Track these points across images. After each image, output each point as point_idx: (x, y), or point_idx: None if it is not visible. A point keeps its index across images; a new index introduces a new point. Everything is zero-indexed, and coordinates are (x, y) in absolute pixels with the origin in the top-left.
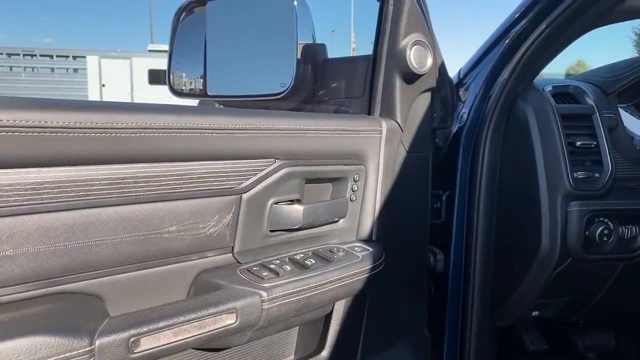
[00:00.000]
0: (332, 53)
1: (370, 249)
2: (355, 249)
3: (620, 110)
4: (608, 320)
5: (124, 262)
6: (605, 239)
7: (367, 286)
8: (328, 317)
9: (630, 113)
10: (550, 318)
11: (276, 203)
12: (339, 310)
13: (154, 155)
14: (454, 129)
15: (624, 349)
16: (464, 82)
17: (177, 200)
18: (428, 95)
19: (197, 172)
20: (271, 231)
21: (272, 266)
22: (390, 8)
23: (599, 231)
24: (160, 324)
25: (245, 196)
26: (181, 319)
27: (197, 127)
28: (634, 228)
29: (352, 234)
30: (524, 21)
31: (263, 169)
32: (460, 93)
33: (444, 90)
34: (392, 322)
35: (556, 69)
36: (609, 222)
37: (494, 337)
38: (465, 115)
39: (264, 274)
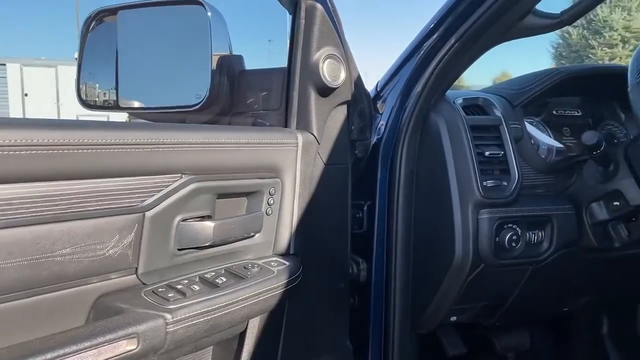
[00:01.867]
0: (270, 62)
1: (287, 263)
2: (272, 263)
3: (527, 122)
4: (523, 321)
5: (10, 289)
6: (513, 244)
7: (284, 301)
8: (242, 336)
9: (534, 125)
10: (469, 322)
11: (184, 220)
12: (254, 327)
13: (43, 173)
14: (373, 140)
15: (539, 348)
16: (381, 94)
17: (72, 220)
18: (344, 108)
19: (94, 190)
20: (179, 250)
21: (179, 287)
22: (302, 22)
23: (508, 237)
24: (49, 355)
25: (148, 214)
26: (74, 347)
27: (92, 143)
28: (539, 233)
29: (269, 249)
30: (435, 35)
31: (168, 185)
32: (378, 105)
33: (361, 103)
34: (312, 336)
35: (484, 80)
36: (517, 228)
37: (416, 345)
38: (383, 127)
39: (170, 295)
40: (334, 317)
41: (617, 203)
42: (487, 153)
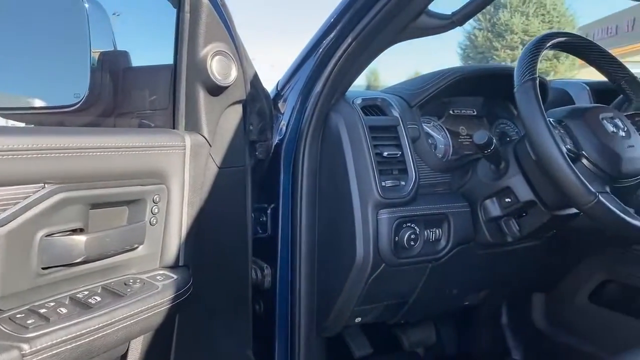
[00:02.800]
0: None
1: (175, 276)
2: (157, 277)
3: (424, 122)
4: (427, 318)
5: None
6: (412, 243)
7: (172, 317)
8: (124, 358)
9: (432, 125)
10: (373, 322)
11: (49, 235)
12: (137, 348)
13: None
14: (275, 141)
15: (445, 341)
16: (282, 93)
17: None
18: (239, 107)
19: None
20: (44, 268)
21: (42, 311)
22: (187, 15)
23: (407, 236)
24: None
25: (2, 230)
26: None
27: None
28: (437, 231)
29: (155, 261)
30: (332, 34)
31: (28, 197)
32: (280, 105)
33: (259, 102)
34: (209, 349)
35: (399, 81)
36: (416, 227)
37: (323, 349)
38: (284, 128)
39: (30, 321)
40: (233, 327)
41: (509, 199)
42: (385, 153)
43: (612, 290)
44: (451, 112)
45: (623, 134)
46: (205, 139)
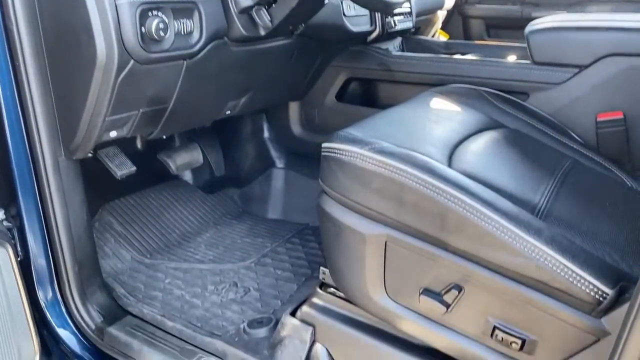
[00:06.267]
0: None
1: None
2: None
3: None
4: (194, 139)
5: None
6: (162, 33)
7: None
8: None
9: None
10: (132, 137)
11: None
12: None
13: None
14: None
15: (213, 160)
16: None
17: None
18: None
19: None
20: None
21: None
22: None
23: (154, 25)
24: None
25: None
26: None
27: None
28: (188, 22)
29: None
30: None
31: None
32: None
33: None
34: None
35: None
36: (163, 16)
37: (77, 172)
38: None
39: None
40: None
41: None
42: None
43: (354, 87)
44: None
45: None
46: None
